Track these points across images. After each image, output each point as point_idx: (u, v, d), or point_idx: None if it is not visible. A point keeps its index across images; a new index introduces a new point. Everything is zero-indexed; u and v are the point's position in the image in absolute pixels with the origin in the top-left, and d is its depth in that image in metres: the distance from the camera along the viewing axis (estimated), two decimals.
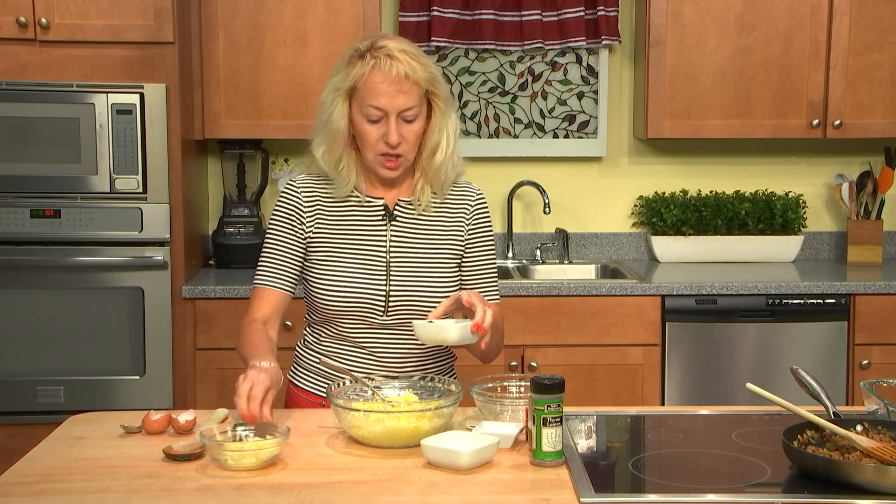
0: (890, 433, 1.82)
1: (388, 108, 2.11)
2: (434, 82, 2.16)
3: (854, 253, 4.09)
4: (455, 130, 2.22)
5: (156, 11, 3.46)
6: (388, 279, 2.19)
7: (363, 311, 2.18)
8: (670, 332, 3.60)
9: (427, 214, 2.25)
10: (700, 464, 1.91)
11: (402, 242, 2.23)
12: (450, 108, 2.20)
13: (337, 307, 2.19)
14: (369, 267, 2.20)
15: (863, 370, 3.60)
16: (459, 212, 2.27)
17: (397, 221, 2.24)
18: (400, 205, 2.24)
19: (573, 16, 4.02)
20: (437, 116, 2.18)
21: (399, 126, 2.13)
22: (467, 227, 2.27)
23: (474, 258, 2.28)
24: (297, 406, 2.29)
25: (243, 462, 1.79)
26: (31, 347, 3.47)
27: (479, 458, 1.80)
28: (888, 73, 3.85)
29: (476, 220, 2.28)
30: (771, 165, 4.22)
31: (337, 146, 2.19)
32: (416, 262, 2.22)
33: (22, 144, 3.42)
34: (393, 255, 2.22)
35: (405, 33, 3.92)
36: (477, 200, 2.30)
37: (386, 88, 2.10)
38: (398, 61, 2.10)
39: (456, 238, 2.26)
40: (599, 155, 4.19)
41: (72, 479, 1.76)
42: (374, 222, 2.23)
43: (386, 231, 2.23)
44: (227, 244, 3.88)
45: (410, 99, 2.12)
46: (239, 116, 3.76)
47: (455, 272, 2.25)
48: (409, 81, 2.11)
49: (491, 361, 2.24)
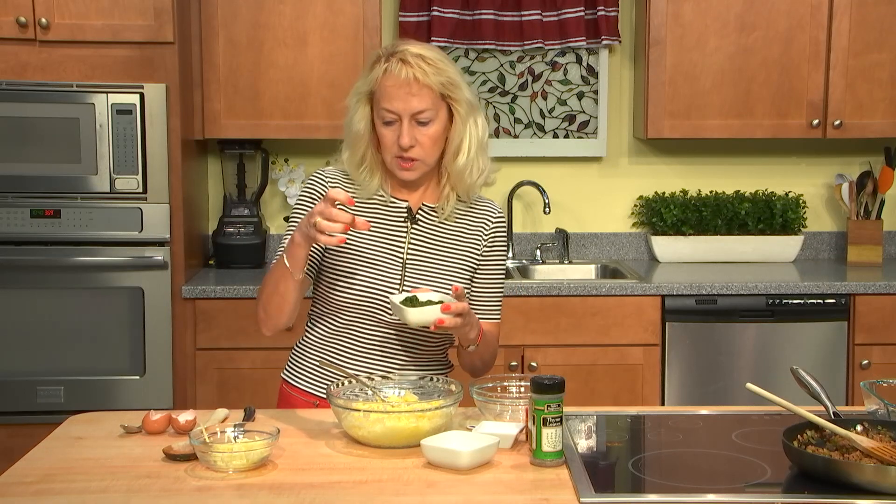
0: (890, 433, 1.82)
1: (400, 112, 2.13)
2: (451, 87, 2.16)
3: (854, 253, 4.09)
4: (480, 135, 2.23)
5: (156, 11, 3.46)
6: (403, 280, 2.20)
7: (373, 307, 2.19)
8: (670, 332, 3.60)
9: (448, 223, 2.27)
10: (700, 464, 1.91)
11: (421, 246, 2.24)
12: (472, 112, 2.21)
13: (348, 300, 2.19)
14: (385, 265, 2.21)
15: (863, 370, 3.60)
16: (479, 227, 2.29)
17: (418, 225, 2.25)
18: (423, 209, 2.26)
19: (573, 16, 4.02)
20: (458, 121, 2.20)
21: (412, 129, 2.14)
22: (484, 243, 2.29)
23: (484, 275, 2.29)
24: (291, 405, 2.29)
25: (233, 463, 1.78)
26: (31, 347, 3.47)
27: (479, 458, 1.80)
28: (888, 73, 3.85)
29: (493, 237, 2.30)
30: (771, 165, 4.22)
31: (358, 149, 2.21)
32: (431, 266, 2.23)
33: (22, 144, 3.42)
34: (410, 256, 2.23)
35: (405, 33, 3.93)
36: (497, 219, 2.32)
37: (397, 91, 2.12)
38: (409, 65, 2.12)
39: (472, 250, 2.27)
40: (599, 155, 4.19)
41: (72, 479, 1.76)
42: (395, 223, 2.24)
43: (406, 233, 2.24)
44: (227, 244, 3.88)
45: (423, 102, 2.13)
46: (239, 116, 3.76)
47: (467, 283, 2.26)
48: (418, 84, 2.12)
49: (480, 376, 2.24)
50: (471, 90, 2.24)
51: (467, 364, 2.27)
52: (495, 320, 2.32)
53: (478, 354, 2.22)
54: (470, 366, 2.28)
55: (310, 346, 2.31)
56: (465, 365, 2.28)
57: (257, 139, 3.92)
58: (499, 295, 2.33)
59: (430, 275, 2.22)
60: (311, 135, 3.74)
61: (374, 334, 2.22)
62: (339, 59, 3.74)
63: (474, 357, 2.23)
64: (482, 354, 2.24)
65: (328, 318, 2.26)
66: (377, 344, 2.22)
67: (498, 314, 2.33)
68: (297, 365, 2.33)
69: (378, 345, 2.22)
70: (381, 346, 2.22)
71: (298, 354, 2.34)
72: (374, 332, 2.22)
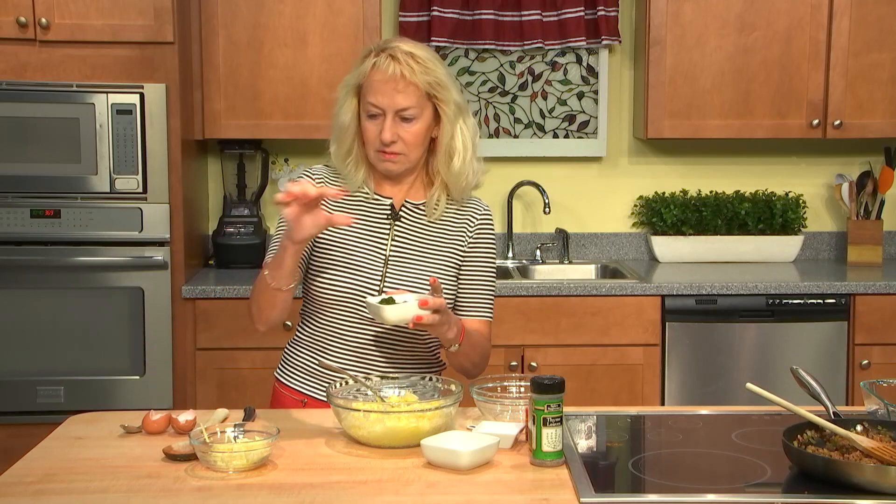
0: (890, 433, 1.82)
1: (384, 107, 2.14)
2: (438, 87, 2.17)
3: (854, 253, 4.09)
4: (472, 136, 2.23)
5: (156, 11, 3.46)
6: (384, 277, 2.20)
7: (355, 304, 2.19)
8: (670, 332, 3.60)
9: (432, 220, 2.26)
10: (700, 464, 1.91)
11: (403, 243, 2.23)
12: (460, 113, 2.21)
13: (331, 298, 2.19)
14: (367, 262, 2.20)
15: (863, 370, 3.60)
16: (463, 223, 2.28)
17: (401, 222, 2.25)
18: (406, 206, 2.25)
19: (573, 16, 4.02)
20: (445, 122, 2.20)
21: (395, 125, 2.15)
22: (468, 241, 2.27)
23: (471, 271, 2.27)
24: (282, 404, 2.29)
25: (233, 463, 1.78)
26: (31, 347, 3.47)
27: (479, 458, 1.80)
28: (888, 73, 3.85)
29: (478, 234, 2.28)
30: (771, 165, 4.22)
31: (345, 141, 2.22)
32: (413, 263, 2.22)
33: (22, 144, 3.42)
34: (392, 254, 2.22)
35: (405, 33, 3.93)
36: (482, 215, 2.30)
37: (383, 87, 2.13)
38: (397, 61, 2.13)
39: (456, 248, 2.26)
40: (599, 155, 4.19)
41: (72, 479, 1.76)
42: (378, 220, 2.24)
43: (389, 230, 2.24)
44: (227, 244, 3.87)
45: (407, 99, 2.13)
46: (239, 116, 3.76)
47: (451, 281, 2.25)
48: (404, 82, 2.13)
49: (473, 378, 2.21)
50: (460, 92, 2.23)
51: (456, 365, 2.23)
52: (485, 318, 2.28)
53: (464, 355, 2.18)
54: (459, 367, 2.24)
55: (298, 344, 2.31)
56: (454, 366, 2.24)
57: (257, 139, 3.92)
58: (488, 292, 2.29)
59: (412, 272, 2.21)
60: (311, 135, 3.73)
61: (358, 332, 2.21)
62: (339, 59, 3.74)
63: (461, 358, 2.19)
64: (469, 355, 2.20)
65: (314, 317, 2.27)
66: (361, 342, 2.22)
67: (487, 312, 2.29)
68: (286, 363, 2.33)
69: (361, 343, 2.22)
70: (364, 344, 2.22)
71: (288, 353, 2.34)
72: (357, 330, 2.21)
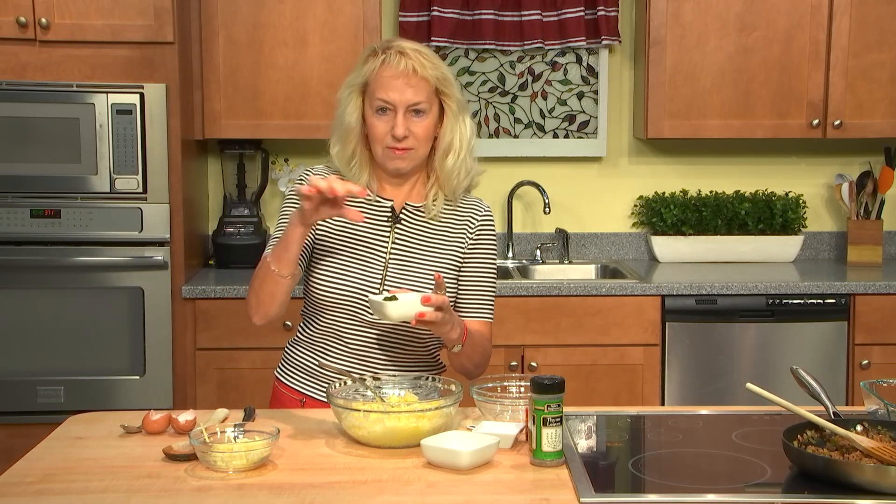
0: (890, 433, 1.82)
1: (396, 102, 2.15)
2: (444, 82, 2.19)
3: (854, 253, 4.09)
4: (469, 134, 2.24)
5: (156, 11, 3.46)
6: (384, 280, 2.20)
7: (356, 307, 2.19)
8: (670, 332, 3.60)
9: (433, 222, 2.26)
10: (700, 464, 1.91)
11: (403, 246, 2.24)
12: (462, 110, 2.23)
13: (331, 299, 2.20)
14: (367, 265, 2.20)
15: (863, 370, 3.60)
16: (464, 224, 2.28)
17: (402, 224, 2.25)
18: (407, 209, 2.26)
19: (573, 16, 4.02)
20: (449, 118, 2.21)
21: (407, 120, 2.16)
22: (469, 241, 2.27)
23: (471, 273, 2.27)
24: (281, 403, 2.29)
25: (233, 463, 1.78)
26: (31, 347, 3.47)
27: (479, 458, 1.80)
28: (888, 73, 3.85)
29: (479, 235, 2.28)
30: (771, 165, 4.22)
31: (349, 142, 2.22)
32: (413, 266, 2.22)
33: (22, 144, 3.42)
34: (392, 256, 2.22)
35: (405, 33, 3.93)
36: (483, 216, 2.30)
37: (394, 82, 2.14)
38: (408, 57, 2.15)
39: (457, 249, 2.26)
40: (599, 155, 4.19)
41: (72, 479, 1.76)
42: (379, 222, 2.24)
43: (389, 233, 2.24)
44: (227, 244, 3.88)
45: (419, 94, 2.15)
46: (239, 116, 3.76)
47: (452, 282, 2.25)
48: (416, 76, 2.14)
49: (474, 378, 2.21)
50: (460, 91, 2.26)
51: (457, 366, 2.23)
52: (486, 319, 2.28)
53: (466, 356, 2.19)
54: (460, 368, 2.24)
55: (298, 344, 2.32)
56: (455, 367, 2.25)
57: (257, 139, 3.92)
58: (489, 293, 2.29)
59: (412, 275, 2.21)
60: (311, 135, 3.73)
61: (357, 334, 2.21)
62: (339, 59, 3.74)
63: (462, 358, 2.19)
64: (471, 356, 2.20)
65: (315, 318, 2.27)
66: (360, 344, 2.22)
67: (488, 313, 2.29)
68: (286, 363, 2.34)
69: (361, 344, 2.22)
70: (363, 345, 2.22)
71: (288, 353, 2.35)
72: (357, 331, 2.21)
